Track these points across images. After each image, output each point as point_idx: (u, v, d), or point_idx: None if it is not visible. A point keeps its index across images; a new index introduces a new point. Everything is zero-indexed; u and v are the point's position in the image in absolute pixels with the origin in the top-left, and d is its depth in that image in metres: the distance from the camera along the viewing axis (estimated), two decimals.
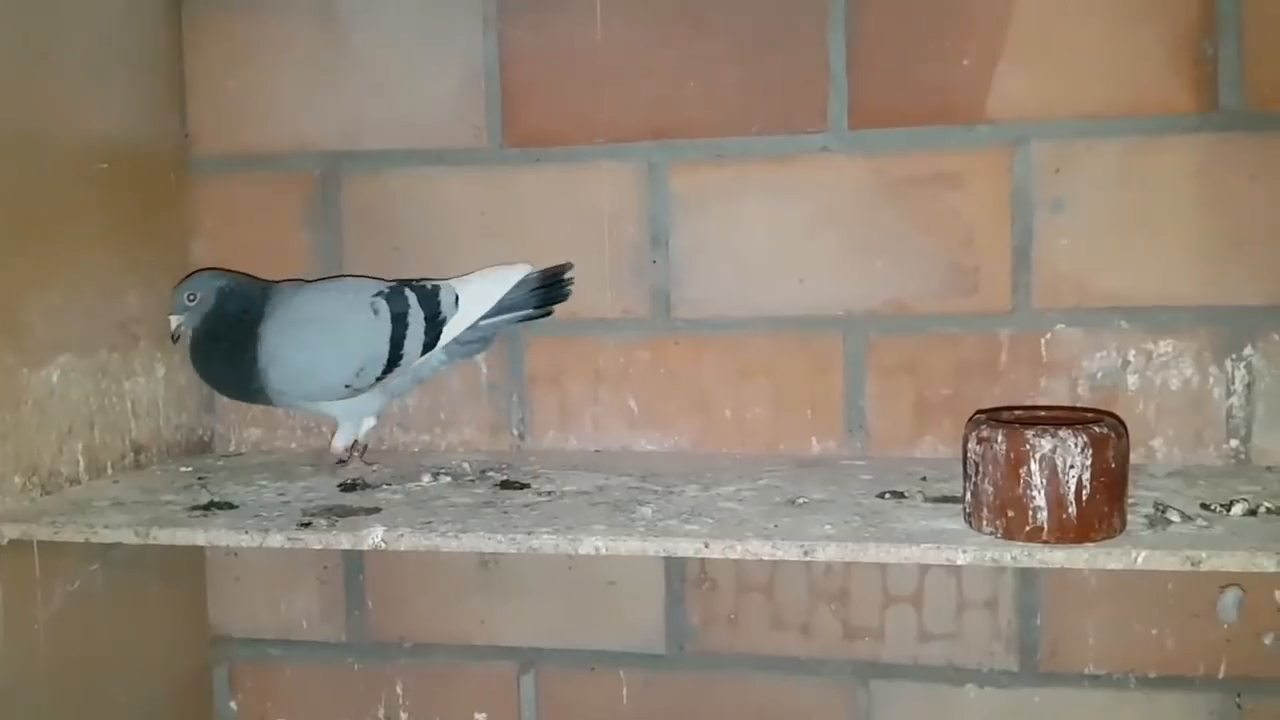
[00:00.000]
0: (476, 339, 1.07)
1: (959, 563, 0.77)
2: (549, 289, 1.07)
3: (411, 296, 1.04)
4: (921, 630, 1.09)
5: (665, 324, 1.12)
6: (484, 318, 1.05)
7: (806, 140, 1.08)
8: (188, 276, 1.07)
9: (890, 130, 1.06)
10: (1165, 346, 1.04)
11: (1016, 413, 0.85)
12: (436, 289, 1.05)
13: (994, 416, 0.82)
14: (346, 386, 1.03)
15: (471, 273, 1.08)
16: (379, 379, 1.04)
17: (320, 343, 1.03)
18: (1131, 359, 1.04)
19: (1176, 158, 1.02)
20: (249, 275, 1.09)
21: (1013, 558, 0.77)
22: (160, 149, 1.15)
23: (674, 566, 1.13)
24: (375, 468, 1.07)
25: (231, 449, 1.20)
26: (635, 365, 1.13)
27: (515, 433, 1.16)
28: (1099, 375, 1.05)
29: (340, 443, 1.08)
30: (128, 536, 0.88)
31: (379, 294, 1.04)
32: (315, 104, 1.16)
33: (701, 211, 1.11)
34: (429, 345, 1.04)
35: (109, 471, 1.06)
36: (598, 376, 1.14)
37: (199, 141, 1.18)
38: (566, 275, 1.07)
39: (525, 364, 1.15)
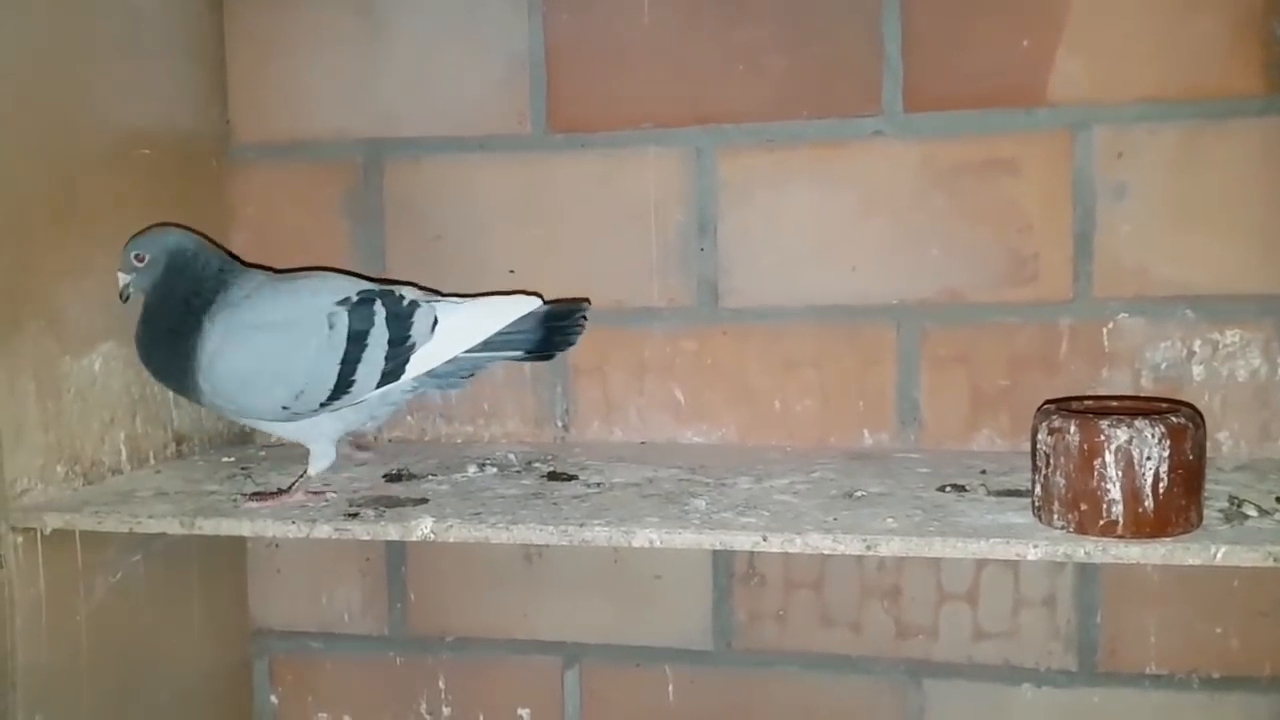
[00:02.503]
0: (455, 374, 0.94)
1: (1030, 558, 0.75)
2: (553, 330, 0.93)
3: (380, 312, 0.89)
4: (977, 628, 1.06)
5: (712, 313, 1.10)
6: (469, 351, 0.92)
7: (859, 124, 1.05)
8: (143, 230, 0.95)
9: (946, 114, 1.03)
10: (1231, 336, 1.01)
11: (1086, 403, 0.82)
12: (413, 307, 0.91)
13: (1064, 407, 0.79)
14: (284, 409, 0.90)
15: (480, 295, 0.98)
16: (323, 405, 0.91)
17: (262, 354, 0.89)
18: (1196, 349, 1.01)
19: (1243, 142, 0.99)
20: (218, 245, 0.99)
21: (1086, 553, 0.74)
22: (201, 136, 1.14)
23: (721, 561, 1.10)
24: (328, 496, 0.92)
25: (273, 440, 1.18)
26: (681, 356, 1.11)
27: (559, 424, 1.14)
28: (1163, 366, 1.02)
29: (317, 469, 0.95)
30: (172, 527, 0.87)
31: (343, 302, 0.90)
32: (357, 91, 1.15)
33: (750, 198, 1.08)
34: (391, 375, 0.90)
35: (151, 461, 1.04)
36: (643, 367, 1.12)
37: (240, 129, 1.17)
38: (578, 314, 0.94)
39: (569, 354, 1.12)
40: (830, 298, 1.07)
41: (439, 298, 0.98)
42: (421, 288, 1.01)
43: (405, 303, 0.92)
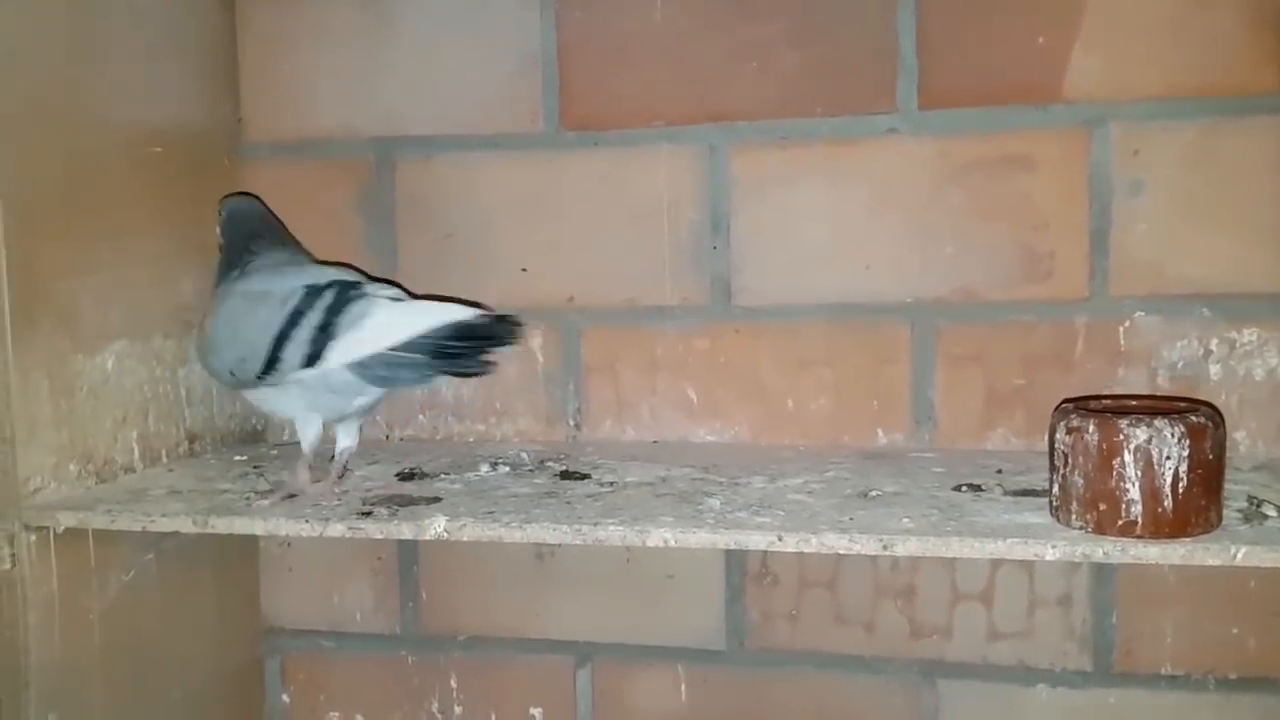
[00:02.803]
0: (388, 374, 0.90)
1: (1048, 558, 0.74)
2: (474, 346, 0.88)
3: (326, 299, 0.90)
4: (991, 628, 1.05)
5: (725, 311, 1.09)
6: (394, 350, 0.88)
7: (873, 122, 1.05)
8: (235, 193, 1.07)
9: (961, 111, 1.03)
10: (1249, 335, 1.00)
11: (1105, 402, 0.82)
12: (356, 299, 0.90)
13: (1082, 405, 0.79)
14: (231, 374, 0.94)
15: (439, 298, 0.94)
16: (259, 377, 0.92)
17: (226, 320, 0.94)
18: (1213, 348, 1.00)
19: (1261, 139, 0.98)
20: (277, 224, 1.03)
21: (1105, 553, 0.73)
22: (213, 134, 1.14)
23: (734, 560, 1.10)
24: (339, 493, 0.93)
25: (285, 438, 1.18)
26: (694, 354, 1.10)
27: (571, 422, 1.13)
28: (1179, 365, 1.01)
29: (305, 444, 0.95)
30: (185, 525, 0.87)
31: (311, 285, 0.91)
32: (369, 89, 1.14)
33: (763, 196, 1.08)
34: (312, 358, 0.89)
35: (164, 460, 1.04)
36: (655, 366, 1.11)
37: (252, 126, 1.17)
38: (504, 336, 0.89)
39: (581, 353, 1.12)
40: (844, 296, 1.07)
41: (408, 298, 0.94)
42: (428, 296, 0.98)
43: (355, 294, 0.90)
